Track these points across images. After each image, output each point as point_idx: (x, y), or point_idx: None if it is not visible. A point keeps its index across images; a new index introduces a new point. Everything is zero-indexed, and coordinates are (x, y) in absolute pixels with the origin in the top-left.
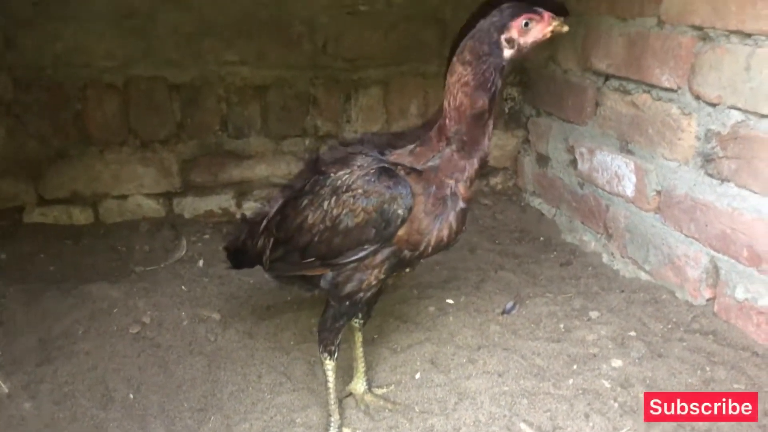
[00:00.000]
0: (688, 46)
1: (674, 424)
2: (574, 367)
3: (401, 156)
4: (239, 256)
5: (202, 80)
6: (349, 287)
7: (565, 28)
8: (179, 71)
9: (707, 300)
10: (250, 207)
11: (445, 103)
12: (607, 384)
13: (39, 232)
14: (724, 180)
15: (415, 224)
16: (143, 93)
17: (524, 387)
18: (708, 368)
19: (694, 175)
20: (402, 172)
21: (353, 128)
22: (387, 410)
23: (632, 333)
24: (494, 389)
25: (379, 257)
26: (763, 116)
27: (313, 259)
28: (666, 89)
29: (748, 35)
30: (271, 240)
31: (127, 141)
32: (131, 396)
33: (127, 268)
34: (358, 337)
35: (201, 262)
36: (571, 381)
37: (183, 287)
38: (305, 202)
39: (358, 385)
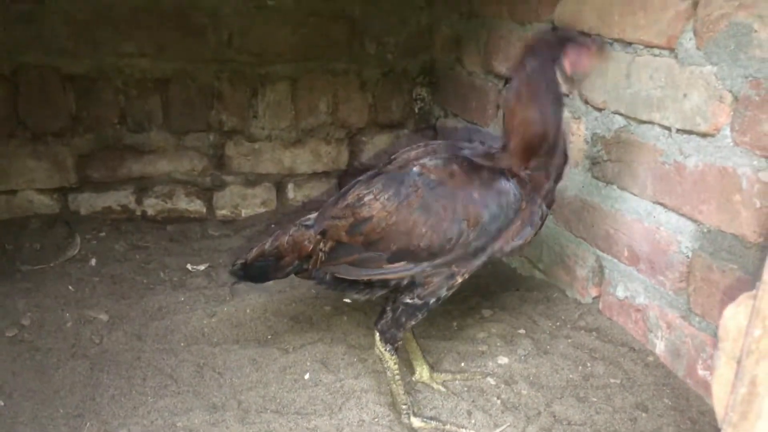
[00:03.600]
0: None
1: (552, 419)
2: (462, 364)
3: (484, 158)
4: (259, 268)
5: (98, 72)
6: (435, 287)
7: None
8: (73, 61)
9: (593, 298)
10: (151, 204)
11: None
12: (492, 381)
13: None
14: (608, 182)
15: (511, 229)
16: (33, 82)
17: (411, 385)
18: (589, 364)
19: (583, 178)
20: (513, 178)
21: (260, 124)
22: (269, 411)
23: (522, 330)
24: (381, 388)
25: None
26: (641, 122)
27: (404, 262)
28: None
29: (629, 44)
30: (329, 244)
31: (15, 133)
32: (1, 403)
33: (12, 268)
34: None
35: (93, 261)
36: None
37: (70, 287)
38: (394, 204)
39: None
